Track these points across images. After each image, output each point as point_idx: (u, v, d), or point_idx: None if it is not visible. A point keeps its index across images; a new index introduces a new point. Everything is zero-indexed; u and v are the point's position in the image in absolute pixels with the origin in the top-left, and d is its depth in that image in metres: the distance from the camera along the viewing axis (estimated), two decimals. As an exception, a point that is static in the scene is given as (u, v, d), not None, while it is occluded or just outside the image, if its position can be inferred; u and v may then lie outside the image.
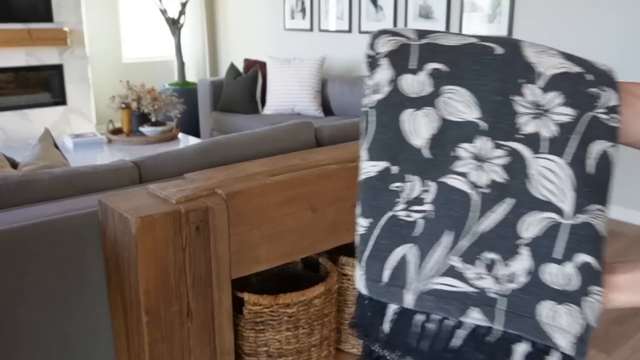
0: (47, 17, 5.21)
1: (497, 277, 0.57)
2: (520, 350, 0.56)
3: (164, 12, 5.67)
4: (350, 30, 4.80)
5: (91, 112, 5.65)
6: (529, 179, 0.59)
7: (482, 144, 0.60)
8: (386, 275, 0.60)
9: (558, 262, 0.56)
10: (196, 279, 1.53)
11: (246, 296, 1.74)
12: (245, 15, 5.99)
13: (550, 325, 0.55)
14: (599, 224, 0.57)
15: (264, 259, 1.68)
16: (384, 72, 0.62)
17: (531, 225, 0.58)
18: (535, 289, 0.56)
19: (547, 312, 0.55)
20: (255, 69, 4.86)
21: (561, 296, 0.55)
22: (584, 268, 0.55)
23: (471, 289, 0.57)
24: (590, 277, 0.55)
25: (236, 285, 1.73)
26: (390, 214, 0.60)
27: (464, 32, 3.93)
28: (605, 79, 0.63)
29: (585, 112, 0.60)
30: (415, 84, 0.61)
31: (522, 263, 0.57)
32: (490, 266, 0.57)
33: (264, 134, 2.12)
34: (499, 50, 0.62)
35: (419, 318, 0.59)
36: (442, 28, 4.06)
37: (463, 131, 0.60)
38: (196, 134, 5.27)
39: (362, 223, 0.61)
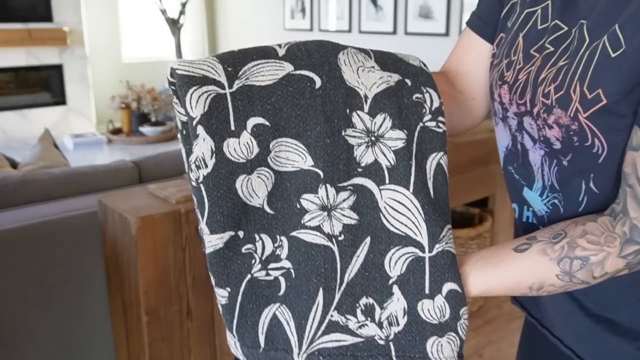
0: (47, 17, 5.21)
1: (379, 322, 0.59)
2: None
3: (164, 12, 5.67)
4: (350, 30, 4.80)
5: (91, 112, 5.64)
6: (382, 212, 0.59)
7: (323, 193, 0.58)
8: (262, 340, 0.59)
9: (429, 297, 0.59)
10: (196, 279, 1.53)
11: (246, 296, 1.74)
12: (245, 15, 5.99)
13: (439, 358, 0.59)
14: (452, 247, 0.60)
15: (264, 259, 1.68)
16: (204, 145, 0.55)
17: (396, 262, 0.59)
18: (418, 328, 0.59)
19: (434, 347, 0.59)
20: (255, 69, 4.87)
21: (441, 330, 0.59)
22: (452, 296, 0.59)
23: (358, 339, 0.58)
24: (458, 302, 0.59)
25: (236, 285, 1.73)
26: (248, 276, 0.58)
27: (464, 32, 3.93)
28: (423, 77, 0.64)
29: (415, 127, 0.61)
30: (241, 148, 0.56)
31: (397, 303, 0.59)
32: (369, 312, 0.59)
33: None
34: (317, 82, 0.59)
35: None
36: (442, 28, 4.06)
37: (301, 181, 0.58)
38: (196, 134, 5.27)
39: (221, 293, 0.59)
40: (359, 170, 0.59)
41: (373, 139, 0.60)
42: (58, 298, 1.50)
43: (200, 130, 0.55)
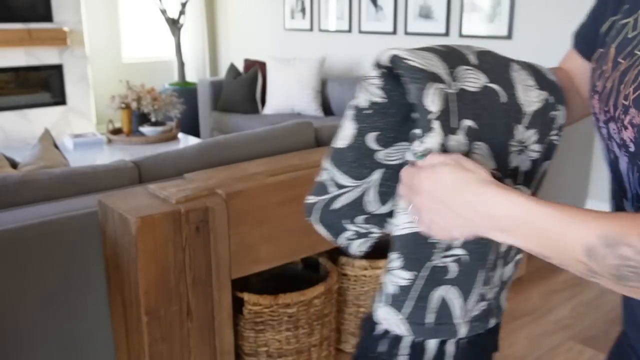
0: (47, 17, 5.21)
1: (491, 287, 0.72)
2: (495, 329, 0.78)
3: (164, 12, 5.67)
4: (350, 30, 4.79)
5: (91, 112, 5.64)
6: None
7: None
8: (430, 317, 0.69)
9: (508, 264, 0.74)
10: (196, 279, 1.53)
11: (246, 296, 1.74)
12: (245, 15, 5.99)
13: (503, 305, 0.77)
14: None
15: (264, 259, 1.68)
16: (436, 137, 0.62)
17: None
18: (503, 287, 0.74)
19: (503, 298, 0.76)
20: (255, 69, 4.86)
21: (506, 285, 0.76)
22: (517, 262, 0.76)
23: (487, 303, 0.73)
24: (517, 267, 0.76)
25: (236, 285, 1.73)
26: (430, 264, 0.68)
27: (464, 32, 3.93)
28: (558, 94, 0.73)
29: (546, 140, 0.72)
30: (456, 145, 0.64)
31: (500, 270, 0.72)
32: (491, 281, 0.72)
33: (264, 134, 2.12)
34: (502, 97, 0.68)
35: (433, 343, 0.71)
36: (442, 28, 4.06)
37: None
38: (196, 134, 5.27)
39: (405, 275, 0.68)
40: (507, 172, 0.69)
41: (522, 148, 0.70)
42: (58, 298, 1.50)
43: (436, 125, 0.62)
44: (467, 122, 0.64)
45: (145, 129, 4.26)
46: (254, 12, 5.84)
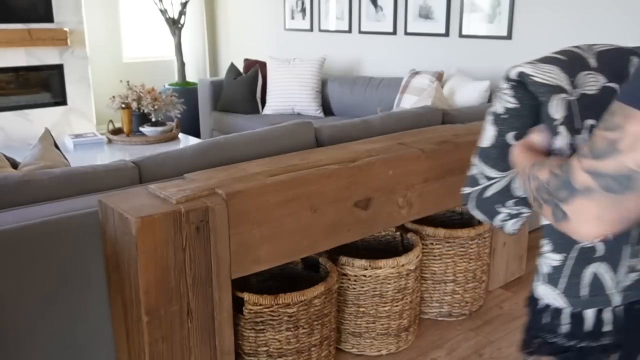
0: (48, 17, 5.21)
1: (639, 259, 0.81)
2: None
3: (164, 12, 5.67)
4: (350, 31, 4.79)
5: (91, 112, 5.64)
6: None
7: None
8: (584, 291, 0.80)
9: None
10: (196, 279, 1.53)
11: (246, 296, 1.74)
12: (245, 16, 5.99)
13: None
14: None
15: (264, 259, 1.68)
16: (563, 140, 0.76)
17: None
18: None
19: None
20: (256, 69, 4.86)
21: None
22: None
23: (638, 274, 0.81)
24: None
25: (236, 285, 1.73)
26: (577, 246, 0.79)
27: (463, 32, 3.93)
28: None
29: None
30: (583, 143, 0.73)
31: None
32: (639, 253, 0.80)
33: (264, 134, 2.12)
34: (617, 89, 0.76)
35: (591, 312, 0.81)
36: (442, 28, 4.06)
37: None
38: (196, 134, 5.26)
39: (555, 257, 0.81)
40: None
41: None
42: (58, 298, 1.50)
43: (562, 129, 0.76)
44: (590, 122, 0.75)
45: (146, 129, 4.26)
46: (254, 12, 5.84)
